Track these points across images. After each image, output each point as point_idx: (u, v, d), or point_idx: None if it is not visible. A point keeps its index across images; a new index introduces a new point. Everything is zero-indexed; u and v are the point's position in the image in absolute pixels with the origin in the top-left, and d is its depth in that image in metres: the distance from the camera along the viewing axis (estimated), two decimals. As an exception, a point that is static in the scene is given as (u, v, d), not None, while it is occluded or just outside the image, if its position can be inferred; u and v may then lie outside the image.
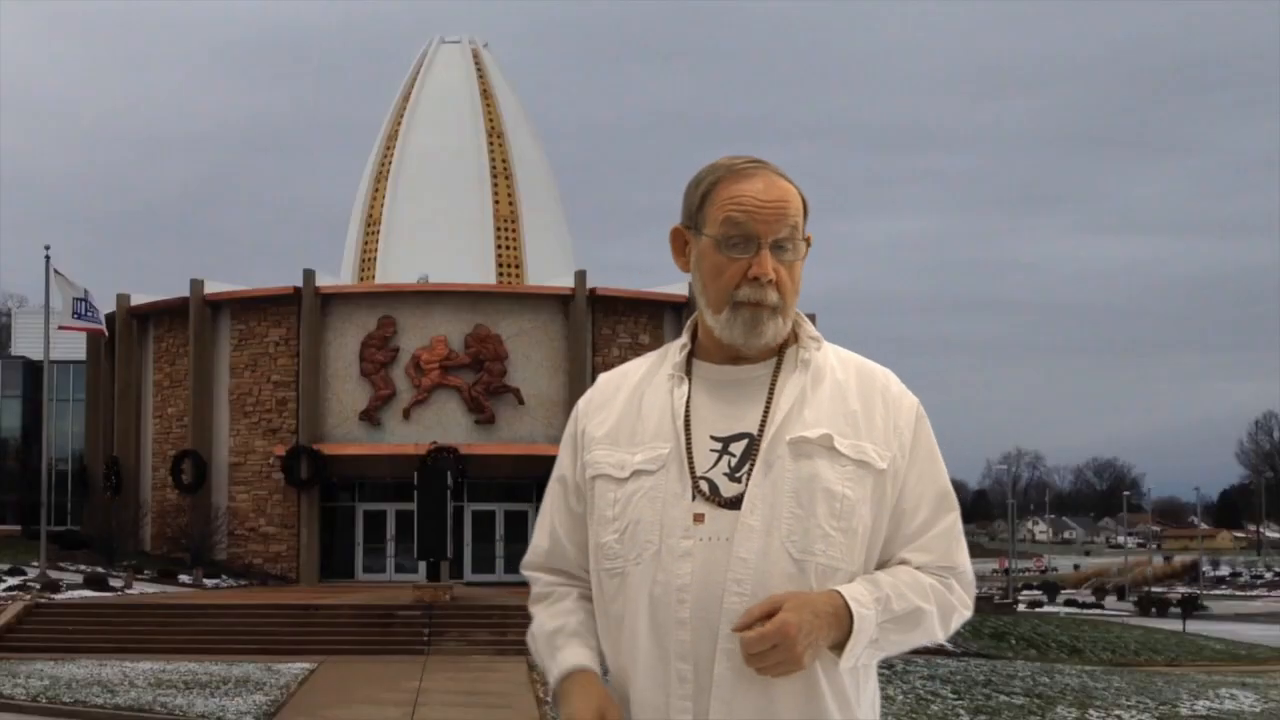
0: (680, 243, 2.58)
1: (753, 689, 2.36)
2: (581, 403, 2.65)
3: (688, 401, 2.51)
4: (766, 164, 2.51)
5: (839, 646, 2.38)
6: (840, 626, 2.36)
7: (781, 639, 2.29)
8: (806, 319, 2.59)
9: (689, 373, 2.55)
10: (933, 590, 2.47)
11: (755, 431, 2.46)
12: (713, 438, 2.47)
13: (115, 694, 20.48)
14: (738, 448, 2.46)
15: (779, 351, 2.53)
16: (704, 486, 2.43)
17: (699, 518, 2.42)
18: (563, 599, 2.62)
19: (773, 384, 2.50)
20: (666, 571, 2.41)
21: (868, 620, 2.38)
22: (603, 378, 2.68)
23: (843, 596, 2.37)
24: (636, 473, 2.48)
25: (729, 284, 2.46)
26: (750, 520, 2.40)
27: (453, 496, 37.94)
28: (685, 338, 2.59)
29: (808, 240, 2.54)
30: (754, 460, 2.44)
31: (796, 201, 2.49)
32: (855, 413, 2.49)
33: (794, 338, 2.55)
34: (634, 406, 2.55)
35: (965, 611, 2.53)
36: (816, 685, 2.40)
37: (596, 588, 2.54)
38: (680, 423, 2.47)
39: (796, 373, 2.50)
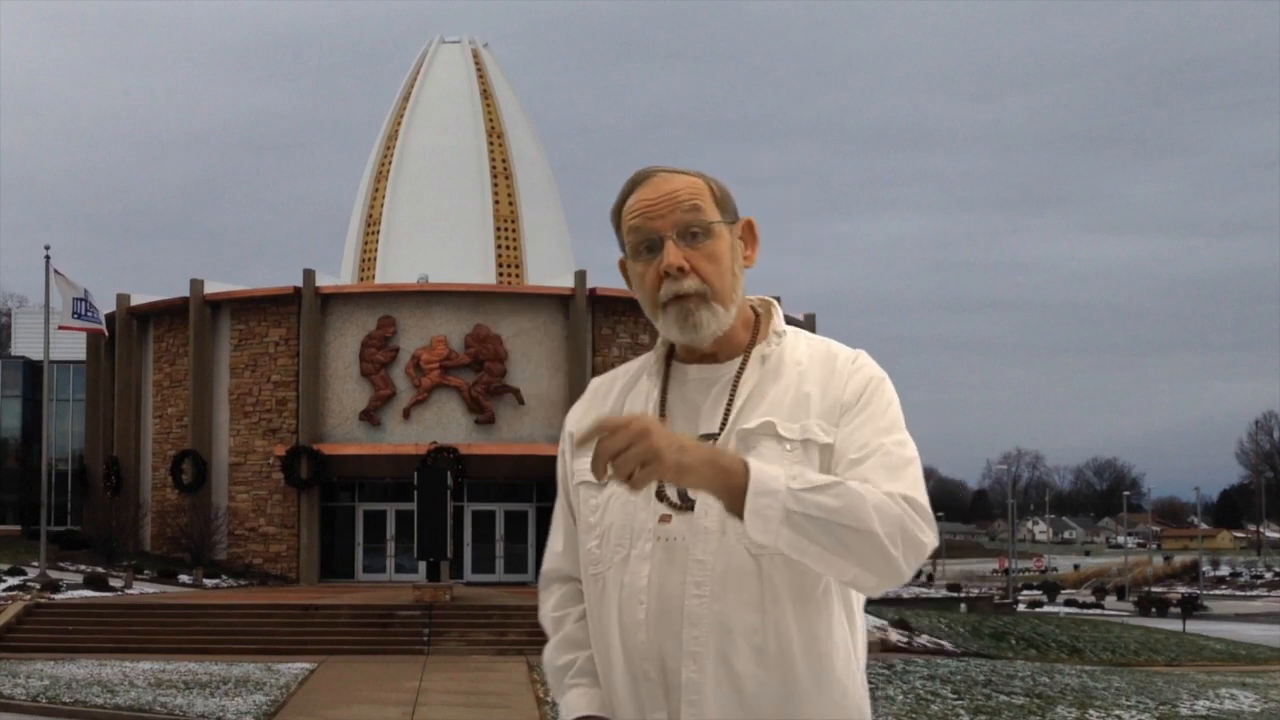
0: (624, 272, 2.61)
1: (722, 690, 2.37)
2: (572, 415, 2.67)
3: (663, 404, 2.53)
4: (663, 166, 2.53)
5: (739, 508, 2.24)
6: (726, 476, 2.23)
7: (637, 435, 2.17)
8: (778, 310, 2.59)
9: (668, 373, 2.57)
10: (866, 490, 2.27)
11: (717, 431, 2.47)
12: None
13: (115, 694, 20.48)
14: None
15: (748, 348, 2.54)
16: (668, 489, 2.44)
17: (665, 519, 2.43)
18: (574, 623, 2.63)
19: (735, 382, 2.50)
20: (631, 574, 2.44)
21: (768, 475, 2.23)
22: (593, 383, 2.70)
23: (743, 457, 2.27)
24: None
25: (652, 288, 2.47)
26: (705, 522, 2.40)
27: (453, 496, 37.92)
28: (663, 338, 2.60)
29: (747, 224, 2.54)
30: None
31: (692, 188, 2.48)
32: (808, 395, 2.45)
33: (765, 332, 2.56)
34: (618, 411, 2.57)
35: (923, 537, 2.29)
36: (792, 679, 2.38)
37: (586, 592, 2.57)
38: None
39: (756, 368, 2.51)
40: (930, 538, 2.31)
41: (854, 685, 2.47)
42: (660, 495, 2.45)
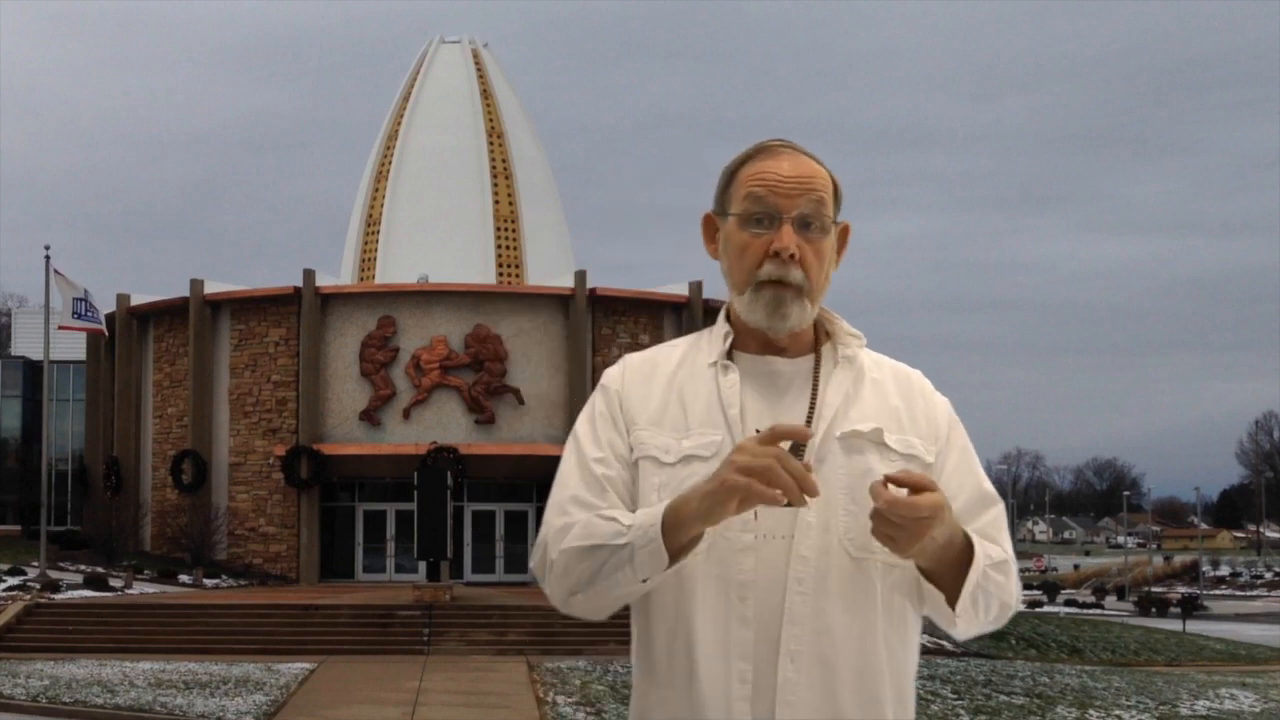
0: (710, 229, 2.52)
1: (816, 692, 2.30)
2: (613, 376, 2.51)
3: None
4: (795, 144, 2.47)
5: (947, 583, 2.31)
6: (951, 551, 2.29)
7: (933, 512, 2.20)
8: (840, 316, 2.53)
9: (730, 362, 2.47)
10: (1007, 557, 2.42)
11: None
12: (758, 431, 2.36)
13: (115, 694, 20.49)
14: (784, 443, 2.34)
15: (816, 347, 2.48)
16: None
17: (754, 512, 2.33)
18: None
19: (815, 379, 2.44)
20: (725, 566, 2.32)
21: (981, 559, 2.31)
22: (632, 358, 2.55)
23: (961, 527, 2.32)
24: (687, 458, 2.37)
25: (752, 262, 2.39)
26: (809, 517, 2.32)
27: (453, 496, 37.94)
28: (726, 326, 2.49)
29: (845, 229, 2.49)
30: (802, 456, 2.34)
31: (824, 180, 2.42)
32: (898, 409, 2.45)
33: (828, 334, 2.50)
34: (674, 394, 2.44)
35: (1018, 603, 2.46)
36: (880, 685, 2.35)
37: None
38: (735, 410, 2.39)
39: (840, 369, 2.45)
40: (1019, 606, 2.50)
41: (912, 709, 2.48)
42: None
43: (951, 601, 2.34)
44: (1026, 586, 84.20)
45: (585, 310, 45.70)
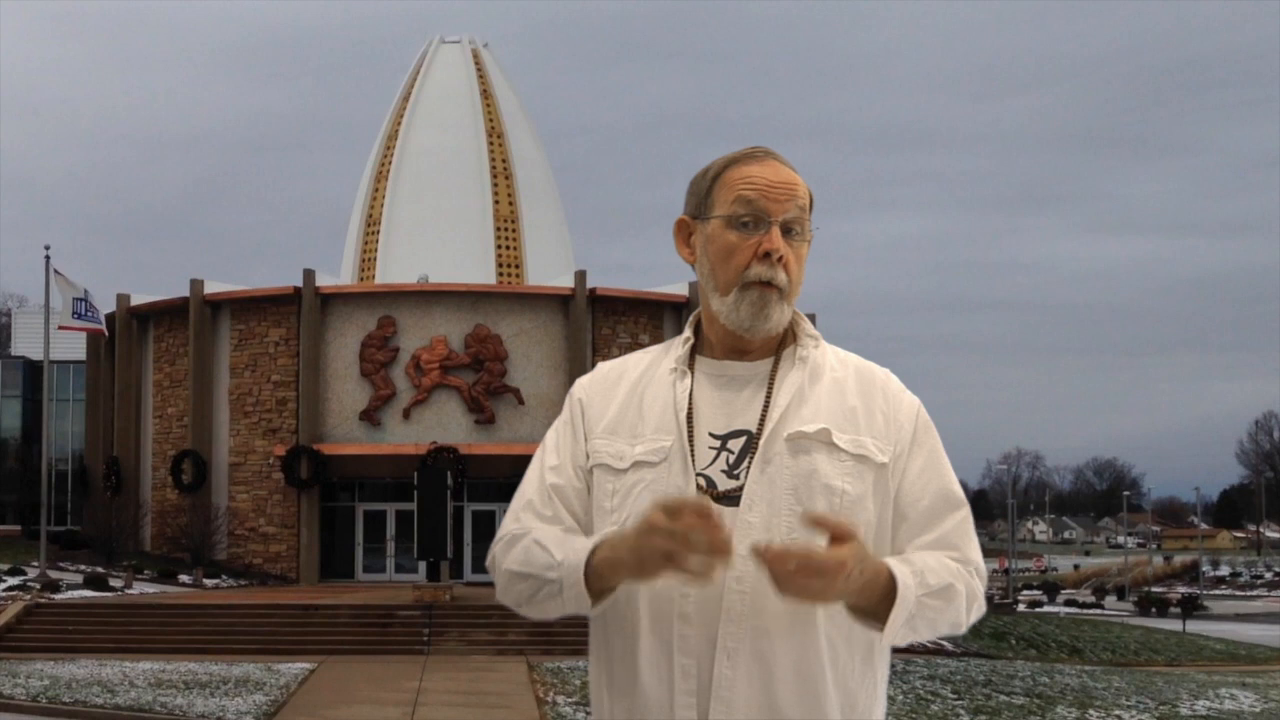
0: (685, 233, 2.56)
1: (754, 688, 2.32)
2: (581, 385, 2.62)
3: (690, 396, 2.48)
4: (775, 153, 2.53)
5: (877, 618, 2.32)
6: (874, 590, 2.29)
7: (834, 573, 2.19)
8: (805, 318, 2.58)
9: (691, 368, 2.53)
10: (959, 573, 2.42)
11: (753, 429, 2.44)
12: (711, 434, 2.45)
13: (115, 694, 20.48)
14: (736, 445, 2.43)
15: (777, 350, 2.52)
16: (702, 482, 2.41)
17: None
18: (544, 528, 2.47)
19: (771, 381, 2.48)
20: None
21: (909, 590, 2.31)
22: (603, 366, 2.65)
23: (886, 564, 2.32)
24: (637, 464, 2.45)
25: (741, 263, 2.44)
26: (749, 517, 2.37)
27: (453, 496, 37.93)
28: (688, 331, 2.58)
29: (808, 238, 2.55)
30: (752, 456, 2.41)
31: (803, 189, 2.50)
32: (854, 408, 2.47)
33: (793, 336, 2.54)
34: (634, 400, 2.52)
35: (982, 605, 2.49)
36: (821, 684, 2.36)
37: None
38: (683, 416, 2.45)
39: (795, 369, 2.49)
40: (983, 609, 2.51)
41: (878, 689, 2.48)
42: (696, 488, 2.40)
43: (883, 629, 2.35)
44: (1026, 586, 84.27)
45: (585, 310, 45.70)
